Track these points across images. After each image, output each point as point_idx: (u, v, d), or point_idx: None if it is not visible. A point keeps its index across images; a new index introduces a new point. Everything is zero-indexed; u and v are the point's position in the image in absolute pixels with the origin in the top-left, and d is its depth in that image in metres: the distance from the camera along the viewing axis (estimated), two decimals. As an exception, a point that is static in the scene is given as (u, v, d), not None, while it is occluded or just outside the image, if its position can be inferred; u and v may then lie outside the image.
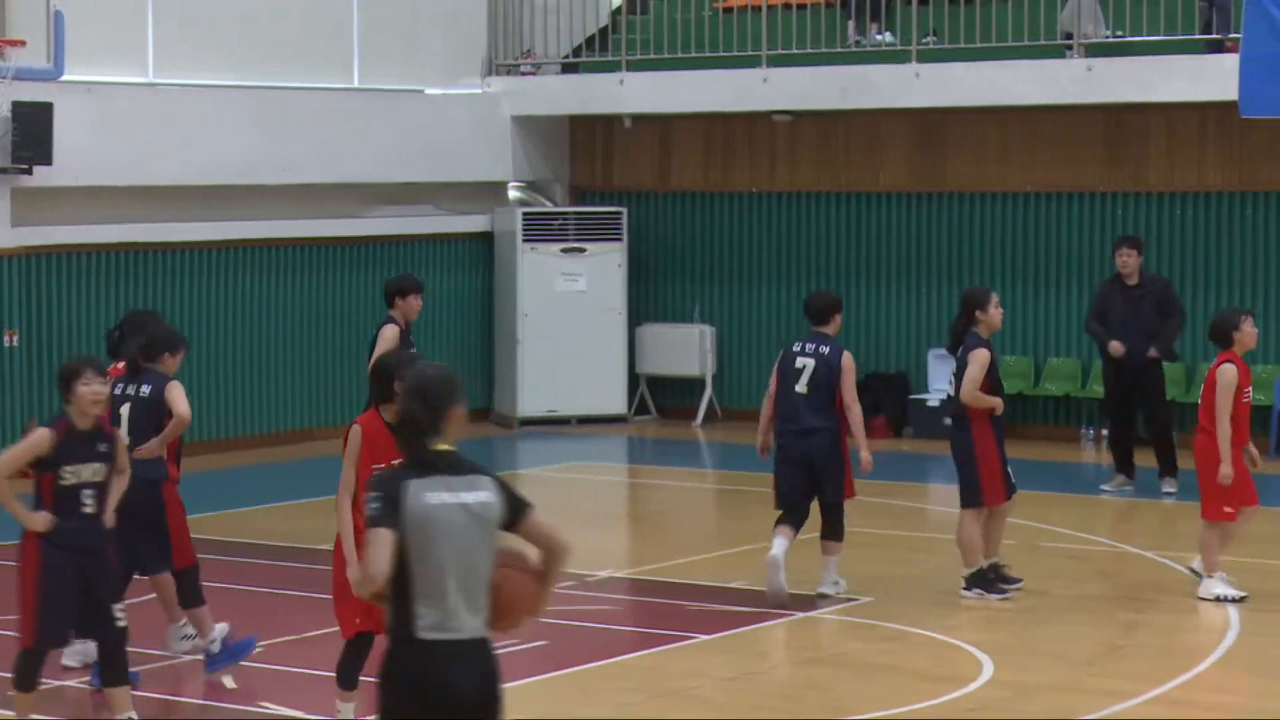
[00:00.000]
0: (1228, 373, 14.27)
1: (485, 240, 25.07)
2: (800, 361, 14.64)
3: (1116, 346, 19.13)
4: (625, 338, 24.50)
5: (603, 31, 25.38)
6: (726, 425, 24.33)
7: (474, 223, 25.01)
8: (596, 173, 26.07)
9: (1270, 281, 22.25)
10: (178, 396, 12.07)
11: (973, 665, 12.65)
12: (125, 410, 12.09)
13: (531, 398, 23.78)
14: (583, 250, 24.49)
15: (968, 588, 14.53)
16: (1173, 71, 21.74)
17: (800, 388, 14.59)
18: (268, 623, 13.23)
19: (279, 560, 16.01)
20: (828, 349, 14.59)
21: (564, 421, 23.88)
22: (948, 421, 15.48)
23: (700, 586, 15.27)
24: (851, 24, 23.86)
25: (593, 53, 25.43)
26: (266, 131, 22.49)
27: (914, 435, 23.24)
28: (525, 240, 24.39)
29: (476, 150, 24.71)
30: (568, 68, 25.65)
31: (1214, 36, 21.78)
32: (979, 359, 14.37)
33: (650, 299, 25.19)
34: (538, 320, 23.82)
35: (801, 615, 14.09)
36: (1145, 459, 19.37)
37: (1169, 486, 19.26)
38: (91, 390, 10.54)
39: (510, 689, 12.21)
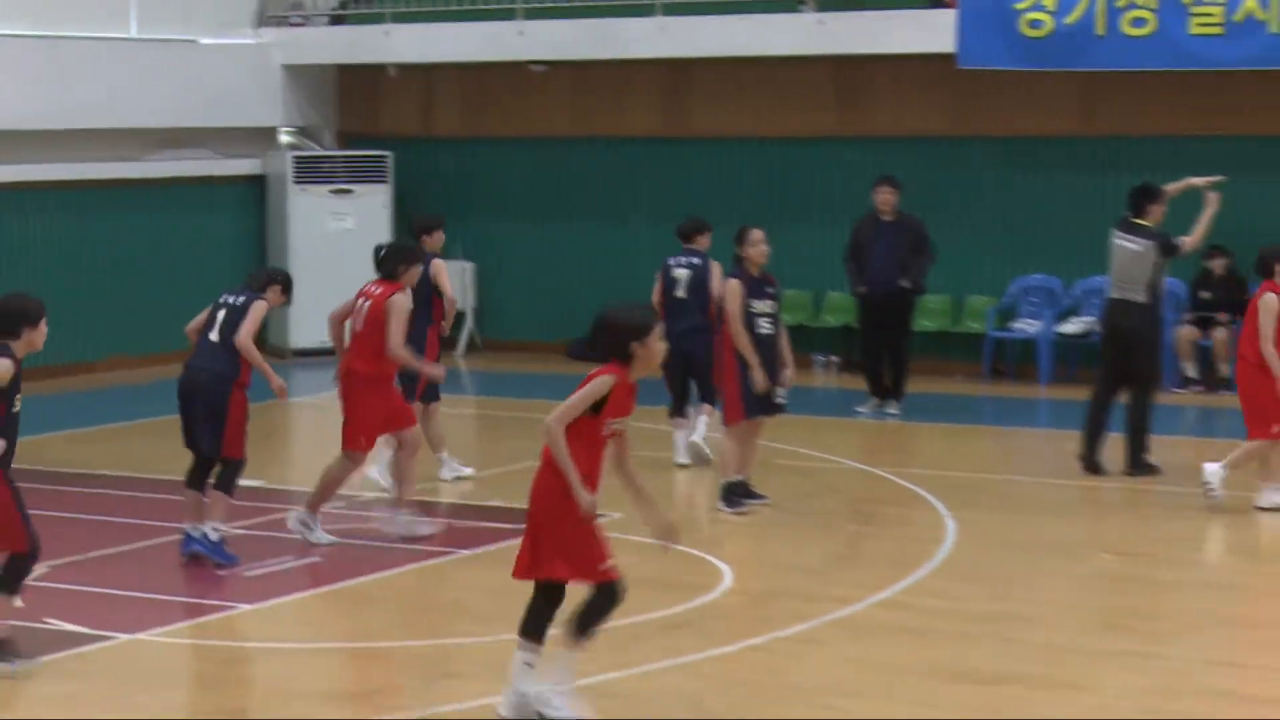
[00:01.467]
0: (1270, 301, 14.64)
1: (258, 183, 24.85)
2: (676, 273, 16.49)
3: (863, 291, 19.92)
4: (391, 273, 24.32)
5: (370, -16, 25.26)
6: (487, 355, 24.38)
7: (247, 166, 24.78)
8: (364, 119, 25.92)
9: (986, 217, 22.66)
10: None
11: (714, 574, 12.79)
12: None
13: (303, 330, 23.58)
14: (350, 191, 24.44)
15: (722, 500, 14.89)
16: (896, 25, 21.98)
17: (679, 293, 16.39)
18: (51, 546, 13.11)
19: (62, 486, 15.80)
20: (699, 260, 16.44)
21: (333, 352, 23.64)
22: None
23: (464, 505, 15.34)
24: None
25: (359, 5, 25.30)
26: (49, 79, 22.14)
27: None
28: (296, 182, 24.30)
29: (249, 97, 24.48)
30: (336, 19, 25.48)
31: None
32: (730, 289, 14.66)
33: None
34: (308, 257, 23.66)
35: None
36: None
37: (892, 408, 19.64)
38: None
39: (285, 603, 12.37)
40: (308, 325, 23.17)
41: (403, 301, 13.65)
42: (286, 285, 13.66)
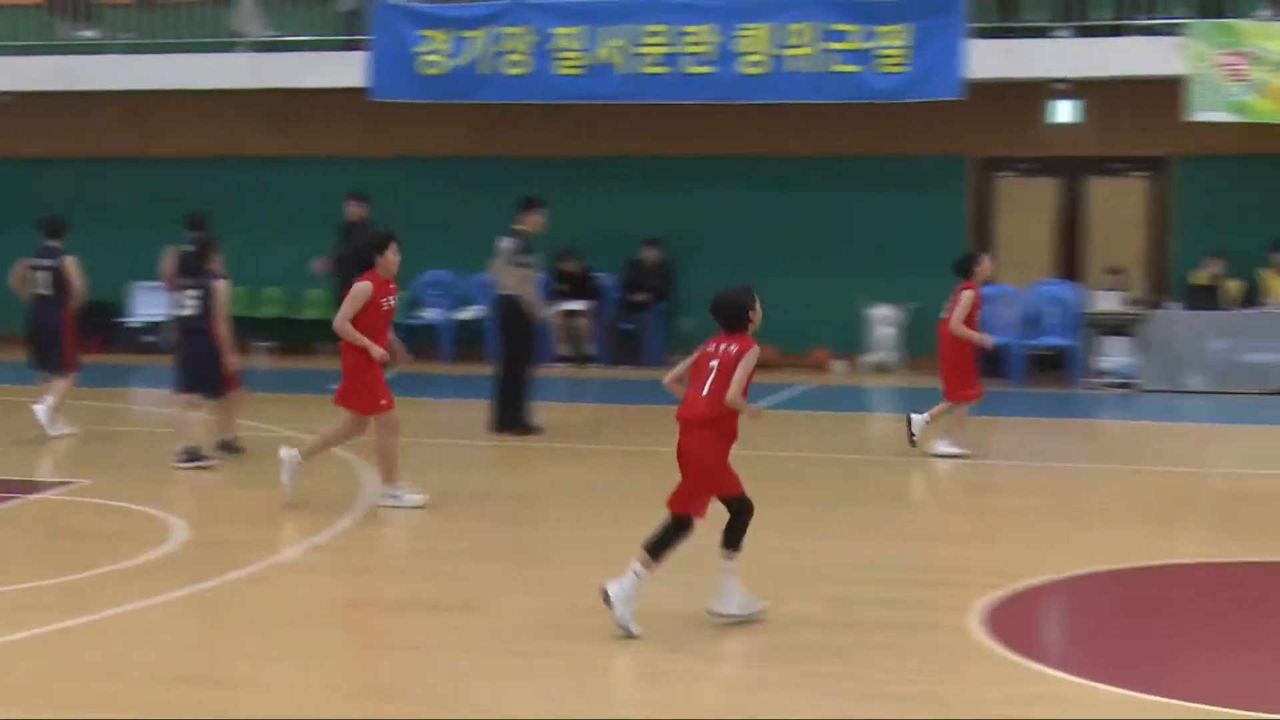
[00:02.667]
0: (968, 296, 15.04)
1: None
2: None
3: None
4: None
5: None
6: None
7: None
8: None
9: (398, 223, 22.31)
10: None
11: (167, 528, 12.07)
12: None
13: None
14: None
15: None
16: (318, 63, 21.58)
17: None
18: None
19: None
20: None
21: None
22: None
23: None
24: (64, 21, 22.92)
25: None
26: None
27: (120, 350, 22.72)
28: None
29: None
30: None
31: (352, 37, 21.73)
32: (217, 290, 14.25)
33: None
34: None
35: (28, 498, 13.22)
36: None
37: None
38: None
39: None
40: None
41: None
42: None
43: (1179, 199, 21.24)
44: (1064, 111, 21.20)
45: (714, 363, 9.46)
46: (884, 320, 21.58)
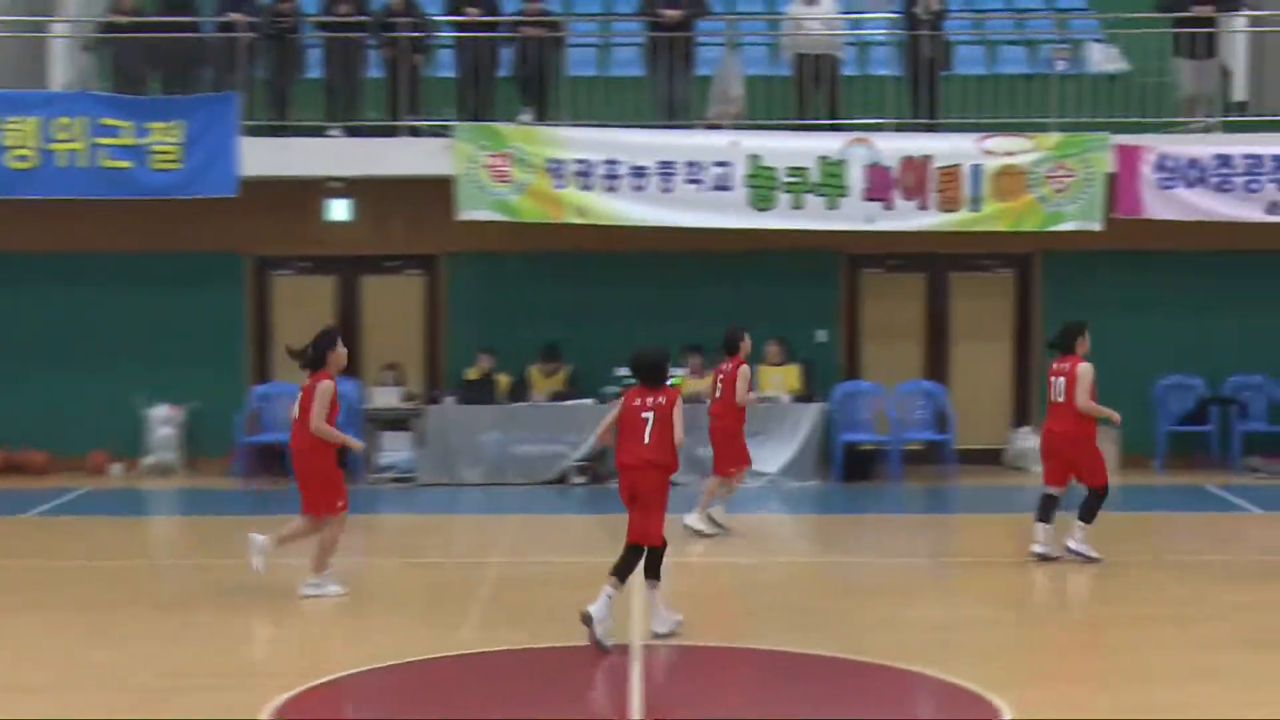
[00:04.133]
0: (745, 371, 16.14)
1: None
2: None
3: None
4: None
5: None
6: None
7: None
8: None
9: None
10: None
11: None
12: None
13: None
14: None
15: None
16: None
17: None
18: None
19: None
20: None
21: None
22: None
23: None
24: None
25: None
26: None
27: None
28: None
29: None
30: None
31: None
32: None
33: None
34: None
35: None
36: None
37: None
38: None
39: None
40: None
41: None
42: None
43: (450, 296, 22.00)
44: (338, 210, 21.64)
45: (646, 414, 11.26)
46: (163, 420, 21.32)
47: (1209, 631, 12.20)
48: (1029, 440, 21.46)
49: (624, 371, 20.89)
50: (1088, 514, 14.75)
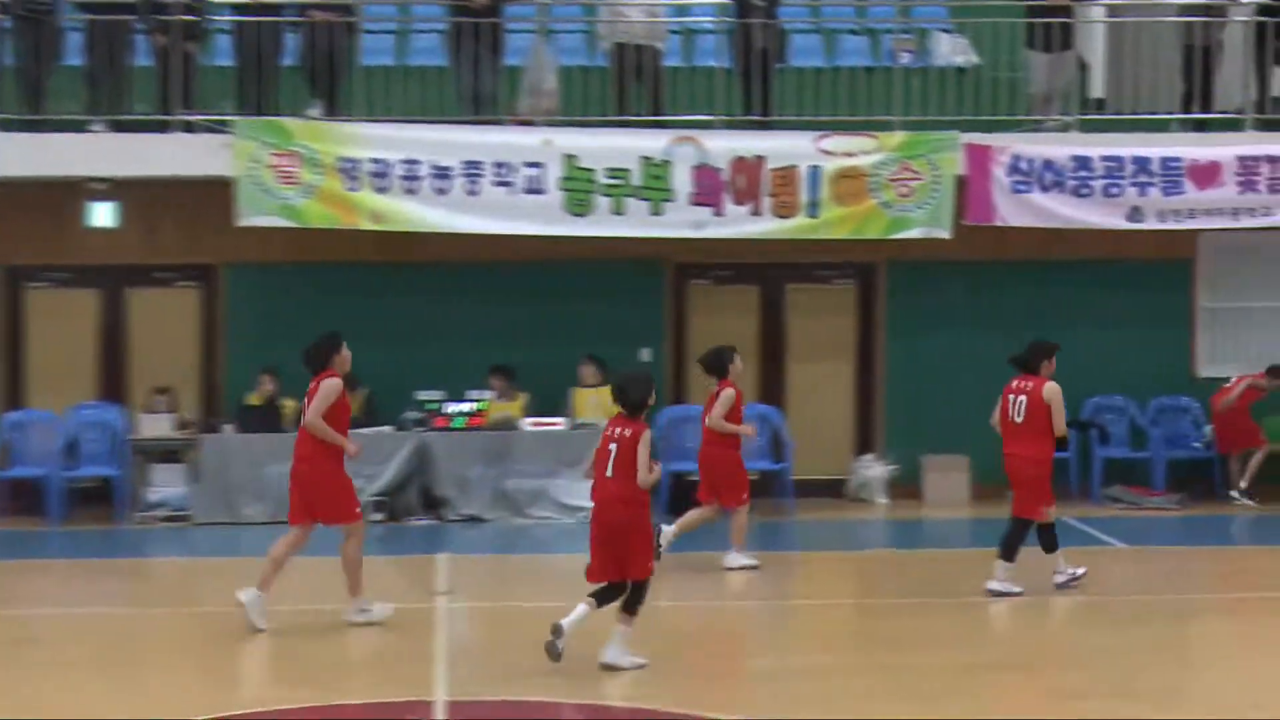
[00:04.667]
0: (730, 393, 16.18)
1: None
2: None
3: None
4: None
5: None
6: None
7: None
8: None
9: None
10: None
11: None
12: None
13: None
14: None
15: None
16: None
17: None
18: None
19: None
20: None
21: None
22: None
23: None
24: None
25: None
26: None
27: None
28: None
29: None
30: None
31: None
32: None
33: None
34: None
35: None
36: None
37: None
38: None
39: None
40: None
41: None
42: None
43: (230, 311, 21.61)
44: (101, 215, 21.13)
45: (612, 445, 11.74)
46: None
47: (1068, 680, 12.24)
48: (872, 469, 21.54)
49: (425, 396, 20.68)
50: (1010, 551, 14.91)
